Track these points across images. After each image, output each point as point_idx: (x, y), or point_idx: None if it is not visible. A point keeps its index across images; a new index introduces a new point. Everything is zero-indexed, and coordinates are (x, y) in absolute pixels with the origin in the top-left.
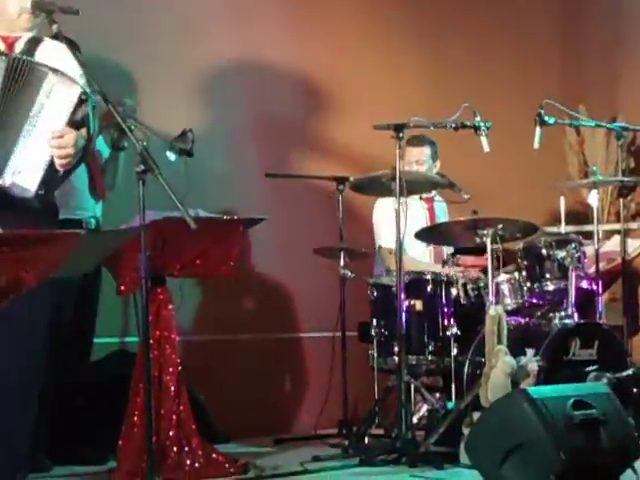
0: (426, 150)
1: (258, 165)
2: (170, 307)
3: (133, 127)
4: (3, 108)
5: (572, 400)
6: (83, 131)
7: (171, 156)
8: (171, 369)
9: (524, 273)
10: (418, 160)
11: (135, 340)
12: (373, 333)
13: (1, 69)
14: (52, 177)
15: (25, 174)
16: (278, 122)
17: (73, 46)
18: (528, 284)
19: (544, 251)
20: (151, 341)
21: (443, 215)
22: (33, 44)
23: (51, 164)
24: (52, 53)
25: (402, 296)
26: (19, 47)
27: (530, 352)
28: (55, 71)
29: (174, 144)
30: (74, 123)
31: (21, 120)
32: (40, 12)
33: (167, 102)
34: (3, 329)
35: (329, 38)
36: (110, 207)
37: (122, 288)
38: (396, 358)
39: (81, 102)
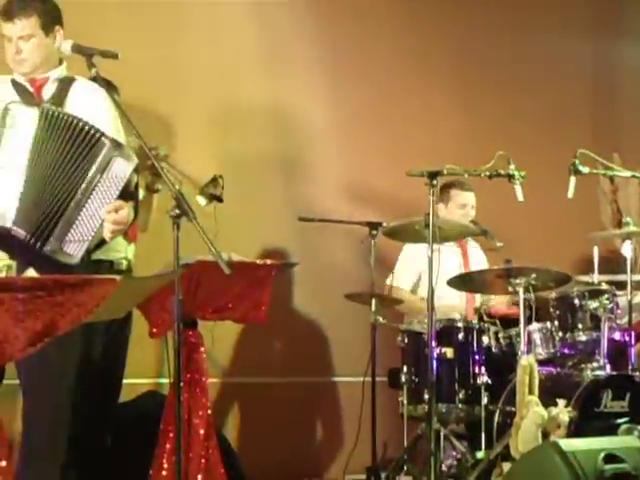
0: (473, 195)
1: (291, 209)
2: (201, 350)
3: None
4: (60, 173)
5: (603, 454)
6: (131, 202)
7: (202, 201)
8: (201, 412)
9: (556, 323)
10: (473, 205)
11: (166, 382)
12: (403, 380)
13: (59, 132)
14: (98, 245)
15: (73, 244)
16: (311, 166)
17: (111, 88)
18: (560, 334)
19: (577, 301)
20: (182, 384)
21: (480, 262)
22: (65, 87)
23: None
24: (85, 97)
25: (433, 343)
26: (49, 91)
27: (561, 403)
28: (116, 145)
29: (205, 189)
30: (125, 195)
31: (75, 188)
32: (80, 55)
33: (198, 146)
34: (34, 372)
35: (363, 85)
36: (142, 248)
37: (154, 330)
38: (426, 406)
39: (135, 172)
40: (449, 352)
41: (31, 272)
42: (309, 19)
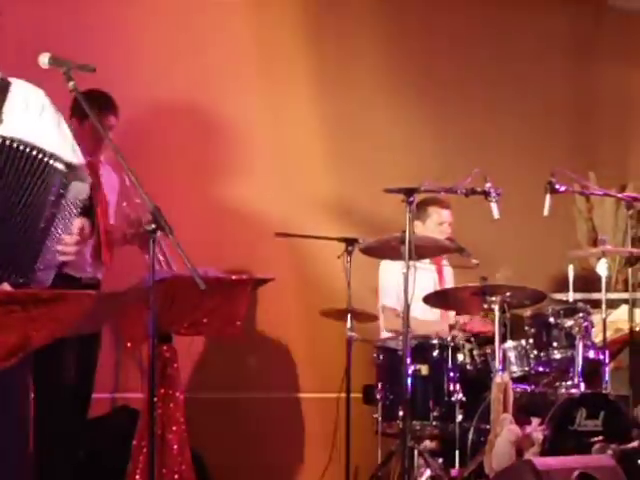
0: (450, 213)
1: (268, 224)
2: (175, 365)
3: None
4: (20, 207)
5: (577, 472)
6: (88, 218)
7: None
8: (175, 428)
9: (531, 341)
10: (451, 222)
11: (137, 396)
12: (378, 396)
13: (12, 164)
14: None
15: (42, 272)
16: (288, 181)
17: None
18: (535, 352)
19: (552, 319)
20: (155, 399)
21: (450, 280)
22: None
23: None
24: (29, 112)
25: (408, 360)
26: None
27: (535, 421)
28: (70, 168)
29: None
30: (83, 212)
31: (37, 219)
32: (57, 68)
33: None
34: None
35: (341, 101)
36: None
37: (128, 344)
38: (400, 422)
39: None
40: (424, 369)
41: (5, 286)
42: (294, 39)
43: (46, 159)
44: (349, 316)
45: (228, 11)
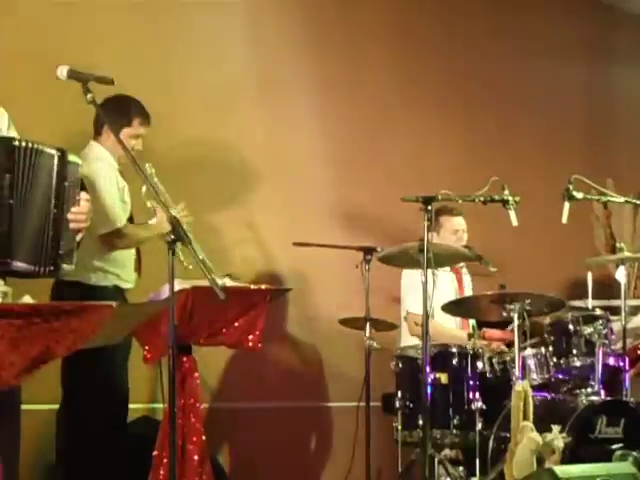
0: (463, 220)
1: (286, 234)
2: (195, 375)
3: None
4: (20, 195)
5: None
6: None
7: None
8: (195, 438)
9: (551, 348)
10: (464, 229)
11: (160, 407)
12: (397, 405)
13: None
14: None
15: (67, 255)
16: (305, 191)
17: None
18: (554, 359)
19: (571, 327)
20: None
21: (469, 288)
22: None
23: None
24: None
25: (428, 369)
26: None
27: (556, 429)
28: (61, 151)
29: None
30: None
31: (45, 204)
32: (76, 80)
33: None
34: None
35: (358, 110)
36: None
37: (148, 356)
38: (420, 431)
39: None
40: (443, 377)
41: (27, 299)
42: (303, 48)
43: (40, 147)
44: (368, 325)
45: (229, 20)
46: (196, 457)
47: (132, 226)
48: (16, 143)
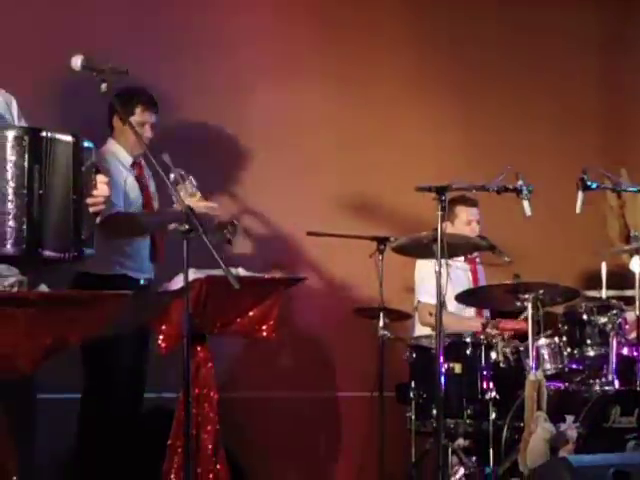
0: (477, 210)
1: (299, 224)
2: (209, 365)
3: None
4: (47, 185)
5: (612, 470)
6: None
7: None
8: (209, 427)
9: (564, 338)
10: (478, 220)
11: (172, 396)
12: (411, 395)
13: (32, 145)
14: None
15: (88, 240)
16: (318, 180)
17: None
18: (568, 349)
19: (585, 316)
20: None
21: (482, 278)
22: None
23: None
24: (1, 98)
25: (441, 359)
26: None
27: (569, 418)
28: (75, 136)
29: (220, 228)
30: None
31: (67, 192)
32: (90, 71)
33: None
34: None
35: (370, 99)
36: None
37: (163, 345)
38: (434, 421)
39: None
40: (457, 367)
41: (43, 287)
42: (318, 37)
43: (57, 135)
44: (382, 315)
45: (255, 12)
46: (210, 446)
47: (136, 214)
48: (43, 134)
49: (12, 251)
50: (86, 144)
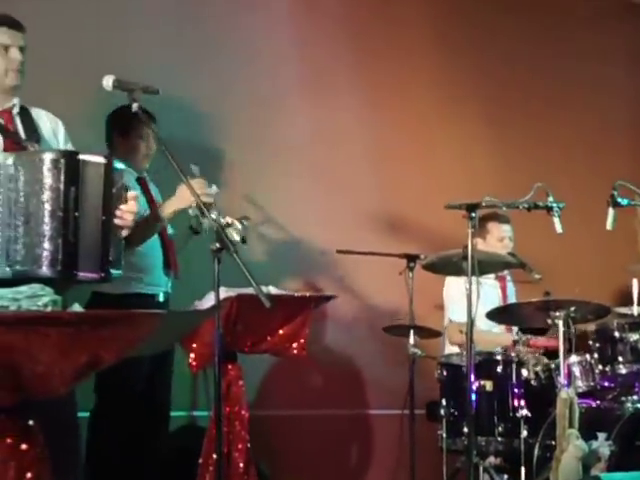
0: (510, 227)
1: (328, 241)
2: (240, 383)
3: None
4: (81, 207)
5: None
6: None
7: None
8: (240, 445)
9: (596, 355)
10: (511, 237)
11: (203, 414)
12: (442, 413)
13: (60, 167)
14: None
15: (116, 260)
16: (348, 197)
17: (151, 119)
18: (600, 367)
19: (617, 334)
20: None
21: (512, 296)
22: (26, 116)
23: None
24: (48, 125)
25: (472, 376)
26: (18, 121)
27: (602, 436)
28: (108, 159)
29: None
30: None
31: (97, 214)
32: (121, 91)
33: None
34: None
35: (400, 116)
36: (180, 283)
37: (193, 363)
38: (465, 439)
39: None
40: (488, 385)
41: (76, 307)
42: (346, 52)
43: (90, 157)
44: (412, 332)
45: (274, 20)
46: (241, 464)
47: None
48: (78, 157)
49: (48, 273)
50: (117, 165)
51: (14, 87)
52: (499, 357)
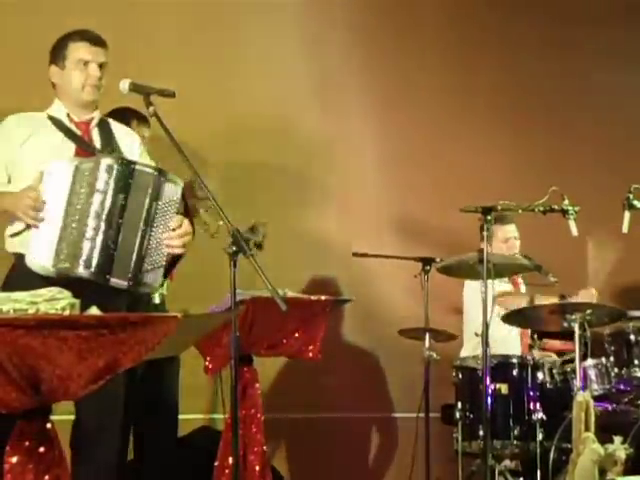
0: (514, 227)
1: (343, 244)
2: (256, 386)
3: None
4: (126, 215)
5: None
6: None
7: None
8: (256, 449)
9: (612, 358)
10: (516, 236)
11: (219, 417)
12: (457, 416)
13: (122, 175)
14: (173, 263)
15: (150, 274)
16: (363, 201)
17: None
18: (616, 370)
19: (632, 337)
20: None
21: None
22: (105, 129)
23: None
24: (126, 140)
25: (488, 379)
26: (95, 134)
27: (618, 440)
28: (160, 172)
29: (246, 236)
30: (180, 212)
31: (137, 222)
32: (137, 94)
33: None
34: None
35: (414, 119)
36: (198, 282)
37: (209, 366)
38: (481, 442)
39: (183, 197)
40: (504, 388)
41: (94, 310)
42: (358, 56)
43: (142, 168)
44: (427, 335)
45: (283, 26)
46: (257, 467)
47: None
48: (132, 166)
49: (84, 273)
50: (170, 180)
51: (91, 102)
52: (515, 360)
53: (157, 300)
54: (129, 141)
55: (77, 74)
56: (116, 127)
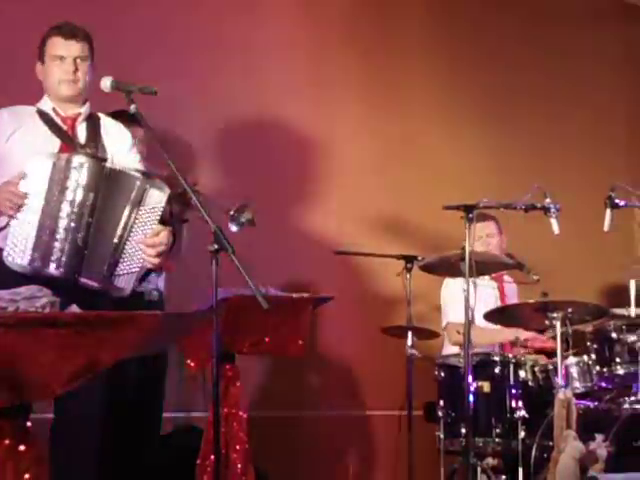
0: (492, 224)
1: (326, 242)
2: (238, 384)
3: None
4: (98, 214)
5: None
6: (169, 227)
7: (233, 228)
8: (238, 447)
9: (593, 356)
10: (489, 233)
11: (200, 415)
12: (440, 414)
13: (92, 173)
14: (148, 272)
15: (122, 277)
16: (346, 198)
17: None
18: (597, 368)
19: (614, 335)
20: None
21: (513, 296)
22: (94, 125)
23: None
24: (115, 137)
25: (470, 377)
26: (82, 129)
27: (599, 437)
28: (146, 177)
29: (235, 215)
30: (161, 222)
31: (115, 225)
32: (119, 92)
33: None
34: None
35: (397, 117)
36: (175, 280)
37: (191, 364)
38: (463, 440)
39: (169, 202)
40: (486, 386)
41: (74, 308)
42: (350, 59)
43: (125, 170)
44: (409, 333)
45: (281, 25)
46: (239, 465)
47: None
48: (104, 164)
49: (54, 272)
50: (156, 187)
51: (72, 96)
52: (497, 358)
53: (155, 297)
54: (120, 139)
55: (54, 70)
56: (108, 124)
